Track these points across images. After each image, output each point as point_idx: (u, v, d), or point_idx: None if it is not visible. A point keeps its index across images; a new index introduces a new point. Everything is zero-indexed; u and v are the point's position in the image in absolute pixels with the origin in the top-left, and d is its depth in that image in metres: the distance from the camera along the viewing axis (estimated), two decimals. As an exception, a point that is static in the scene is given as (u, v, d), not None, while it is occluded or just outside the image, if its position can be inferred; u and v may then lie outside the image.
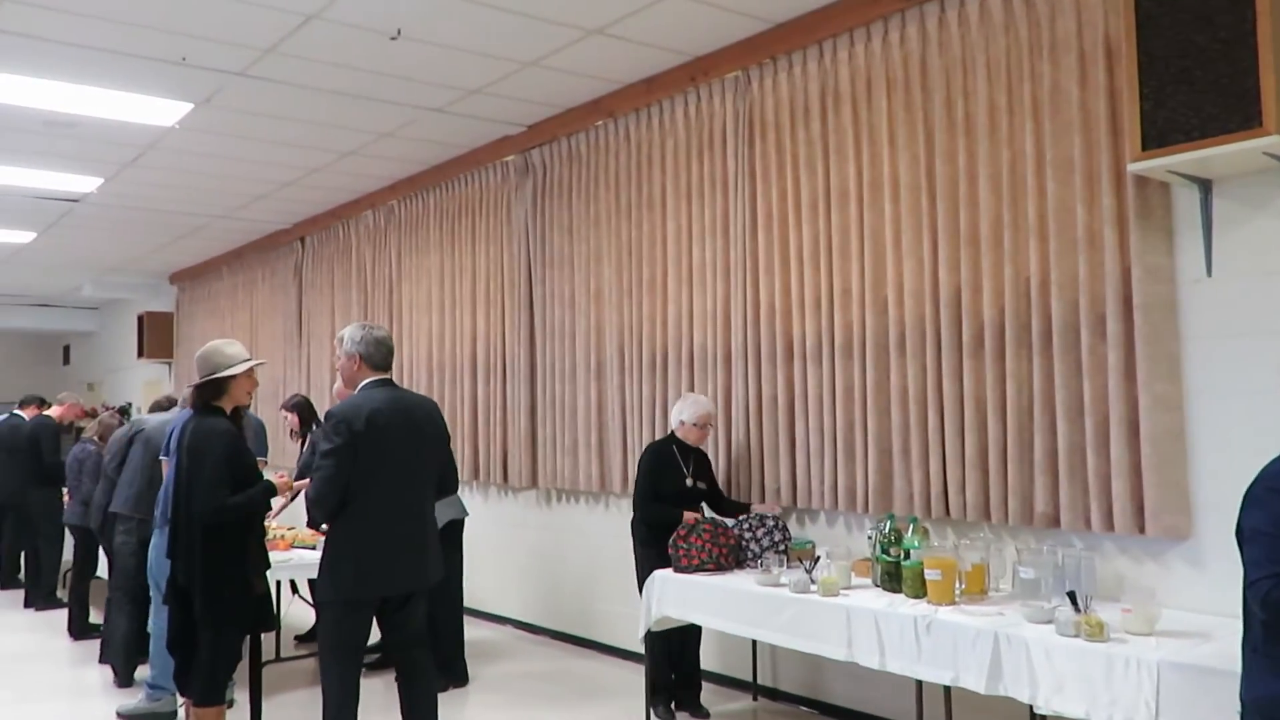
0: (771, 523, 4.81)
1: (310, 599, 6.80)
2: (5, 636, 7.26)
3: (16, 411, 9.21)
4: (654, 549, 4.82)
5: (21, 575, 8.95)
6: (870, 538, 4.29)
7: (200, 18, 4.87)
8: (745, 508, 5.03)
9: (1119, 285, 3.85)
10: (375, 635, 4.58)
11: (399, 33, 5.08)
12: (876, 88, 4.73)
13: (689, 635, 4.94)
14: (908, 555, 3.98)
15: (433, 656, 4.06)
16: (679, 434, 5.02)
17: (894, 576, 4.03)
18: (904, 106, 4.62)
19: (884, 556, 4.09)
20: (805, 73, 5.06)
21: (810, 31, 4.99)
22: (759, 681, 5.28)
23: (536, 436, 6.83)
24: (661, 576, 4.68)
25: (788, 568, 4.40)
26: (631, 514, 5.15)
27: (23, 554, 8.91)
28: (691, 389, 5.64)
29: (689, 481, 4.97)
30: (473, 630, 7.01)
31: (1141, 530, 3.79)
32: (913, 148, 4.58)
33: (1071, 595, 3.36)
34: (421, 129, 6.76)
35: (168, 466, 5.26)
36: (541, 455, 6.77)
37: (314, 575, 5.34)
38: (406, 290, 8.26)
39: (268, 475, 4.22)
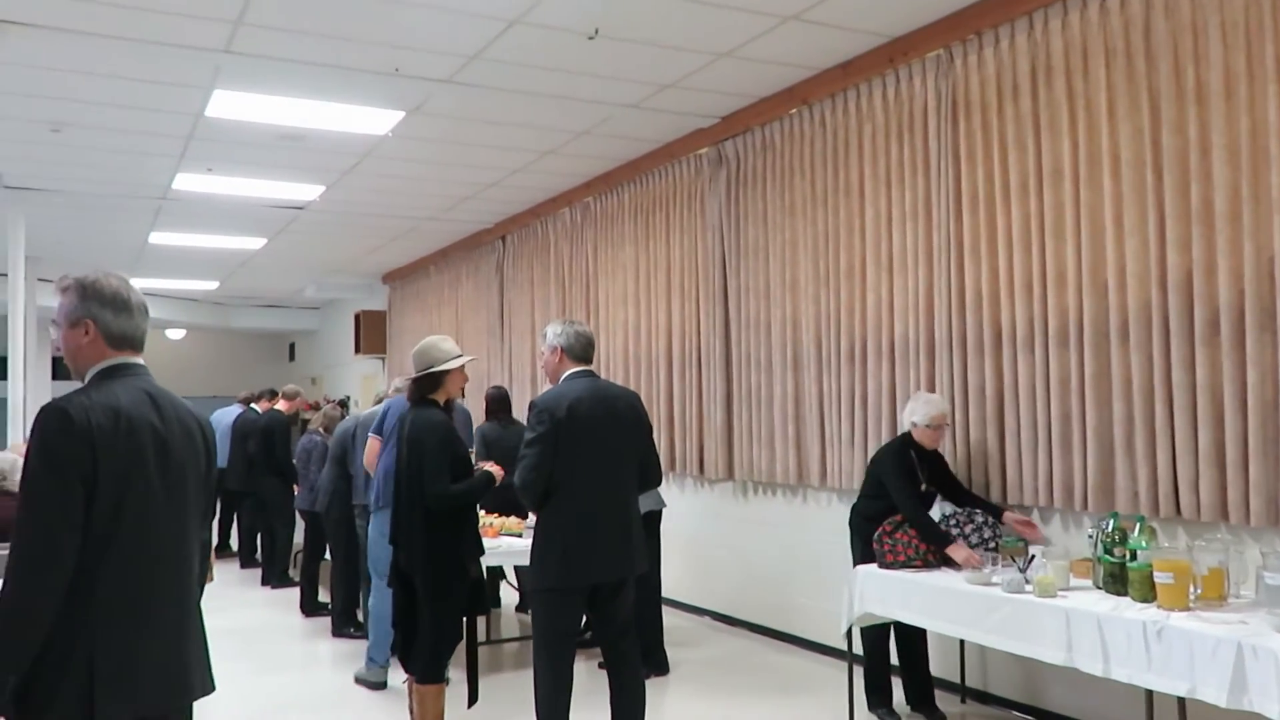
0: (981, 518, 4.62)
1: (515, 585, 7.08)
2: (245, 611, 7.91)
3: (253, 405, 10.02)
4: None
5: (258, 555, 9.73)
6: (1091, 537, 4.04)
7: (412, 29, 5.13)
8: (997, 512, 4.69)
9: (1383, 262, 3.47)
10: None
11: (596, 32, 5.18)
12: (1094, 58, 4.45)
13: (917, 635, 4.78)
14: (1134, 556, 3.73)
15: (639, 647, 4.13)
16: (914, 436, 4.77)
17: (1118, 579, 3.78)
18: (1125, 77, 4.32)
19: (1107, 557, 3.85)
20: (1014, 46, 4.82)
21: (1018, 3, 4.74)
22: (967, 683, 5.10)
23: (732, 428, 6.83)
24: (864, 572, 4.57)
25: (999, 566, 4.21)
26: (838, 507, 5.04)
27: (259, 536, 9.69)
28: (892, 380, 5.49)
29: (923, 487, 4.73)
30: (669, 619, 7.09)
31: None
32: (1135, 120, 4.28)
33: (1329, 604, 3.06)
34: (617, 125, 6.88)
35: (376, 445, 5.64)
36: (738, 447, 6.77)
37: (519, 562, 5.59)
38: (603, 285, 8.43)
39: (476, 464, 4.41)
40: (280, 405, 9.68)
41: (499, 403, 7.05)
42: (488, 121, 6.73)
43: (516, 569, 6.75)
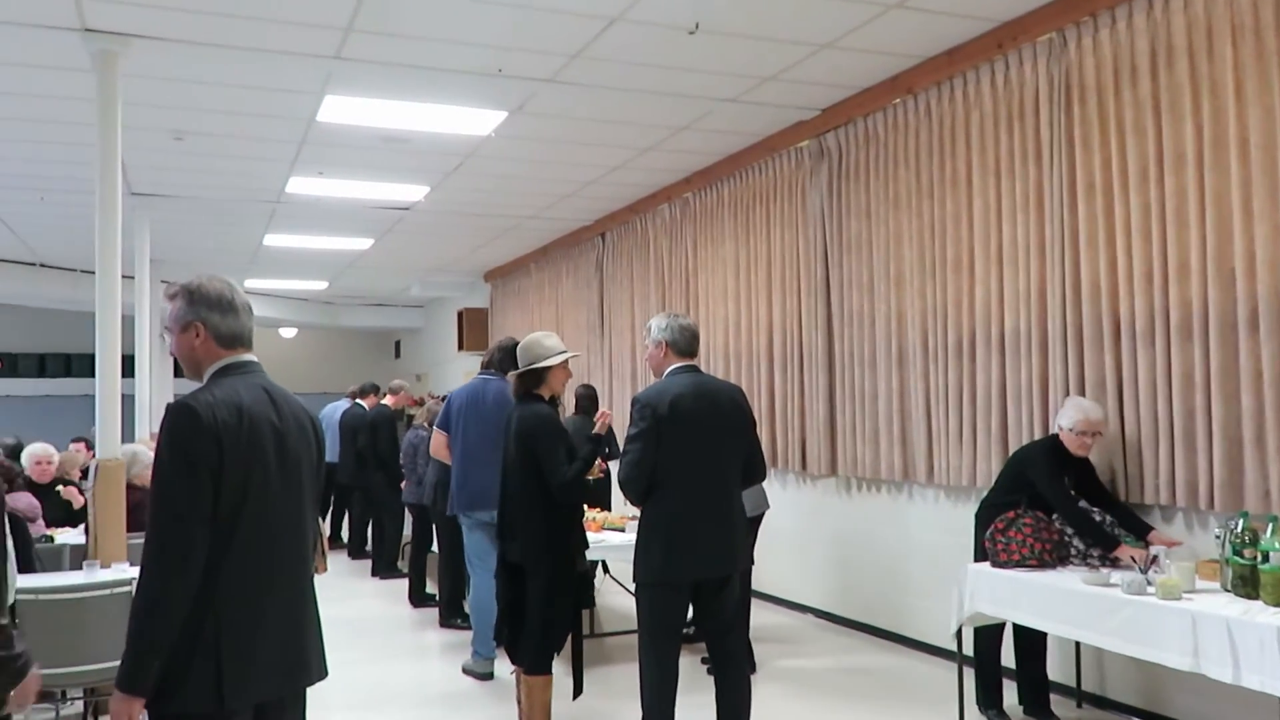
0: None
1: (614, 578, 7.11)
2: (355, 602, 8.13)
3: (359, 401, 10.29)
4: None
5: (368, 547, 9.99)
6: (1218, 537, 3.86)
7: (515, 30, 5.20)
8: (1143, 529, 4.45)
9: None
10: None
11: (697, 27, 5.17)
12: (1219, 37, 4.24)
13: (1038, 636, 4.64)
14: (1266, 558, 3.55)
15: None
16: (1061, 439, 4.57)
17: (1249, 581, 3.61)
18: (1254, 55, 4.11)
19: (1236, 559, 3.67)
20: (1131, 28, 4.63)
21: (1136, -18, 4.56)
22: (1083, 688, 4.93)
23: (835, 424, 6.74)
24: (975, 570, 4.46)
25: (1118, 567, 4.05)
26: (945, 504, 4.92)
27: (369, 528, 9.94)
28: (1003, 375, 5.34)
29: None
30: (772, 617, 7.06)
31: None
32: (1265, 100, 4.07)
33: None
34: (716, 120, 6.85)
35: (441, 438, 5.78)
36: (841, 443, 6.68)
37: (621, 556, 5.62)
38: (703, 280, 8.41)
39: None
40: (386, 400, 9.92)
41: (587, 399, 7.78)
42: (588, 119, 6.78)
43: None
